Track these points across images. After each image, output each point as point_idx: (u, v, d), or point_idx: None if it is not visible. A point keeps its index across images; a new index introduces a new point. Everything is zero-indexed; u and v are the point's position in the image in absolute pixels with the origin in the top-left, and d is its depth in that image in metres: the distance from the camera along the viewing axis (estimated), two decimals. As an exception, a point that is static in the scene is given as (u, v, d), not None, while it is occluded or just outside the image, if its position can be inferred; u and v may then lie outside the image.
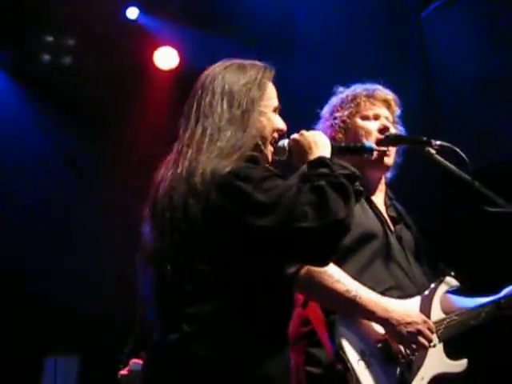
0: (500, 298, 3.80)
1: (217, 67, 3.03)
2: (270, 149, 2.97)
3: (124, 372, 6.12)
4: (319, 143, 2.92)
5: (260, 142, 2.90)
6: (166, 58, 8.09)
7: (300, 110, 3.99)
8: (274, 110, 3.00)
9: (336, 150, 3.07)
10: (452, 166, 3.52)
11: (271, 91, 3.01)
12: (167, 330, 2.74)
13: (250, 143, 2.82)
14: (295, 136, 2.99)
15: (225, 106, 2.87)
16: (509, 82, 5.92)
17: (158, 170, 2.94)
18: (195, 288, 2.69)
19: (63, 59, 8.08)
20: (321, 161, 2.78)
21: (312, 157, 2.86)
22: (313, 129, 3.21)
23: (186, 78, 8.35)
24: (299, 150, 2.95)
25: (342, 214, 2.49)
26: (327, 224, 2.48)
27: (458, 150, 3.46)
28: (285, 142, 3.00)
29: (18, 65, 8.18)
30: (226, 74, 2.97)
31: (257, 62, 3.05)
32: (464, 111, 6.24)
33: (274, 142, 2.98)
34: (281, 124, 2.99)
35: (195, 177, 2.68)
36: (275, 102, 3.01)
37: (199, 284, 2.69)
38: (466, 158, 3.42)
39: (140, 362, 5.88)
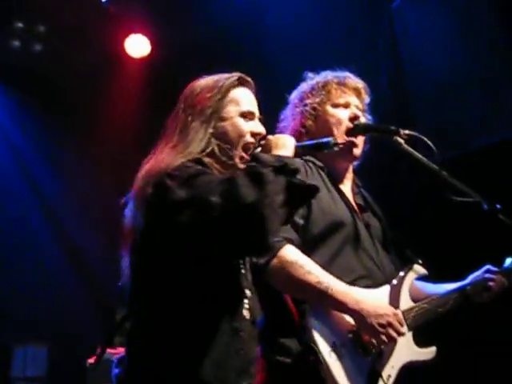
0: (465, 286, 3.85)
1: (197, 80, 3.23)
2: (239, 153, 3.05)
3: (92, 360, 6.14)
4: (280, 145, 2.98)
5: (225, 147, 3.02)
6: (138, 45, 8.02)
7: (272, 104, 3.98)
8: (242, 115, 3.11)
9: (300, 149, 3.12)
10: (420, 156, 3.54)
11: (239, 97, 3.15)
12: None
13: (206, 147, 2.99)
14: (262, 141, 3.06)
15: (188, 113, 3.08)
16: (478, 74, 5.96)
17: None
18: (136, 285, 2.94)
19: (33, 46, 7.99)
20: (255, 157, 2.86)
21: None
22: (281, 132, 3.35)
23: (158, 66, 8.38)
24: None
25: (251, 198, 2.55)
26: (235, 210, 2.57)
27: (426, 139, 3.49)
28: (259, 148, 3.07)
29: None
30: (196, 85, 3.19)
31: (232, 74, 3.21)
32: (434, 102, 6.26)
33: (254, 146, 3.07)
34: (253, 128, 3.09)
35: (142, 173, 2.90)
36: (243, 108, 3.13)
37: (139, 280, 2.93)
38: (433, 148, 3.44)
39: (113, 351, 5.90)
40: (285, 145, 3.00)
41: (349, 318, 3.32)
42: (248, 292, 3.06)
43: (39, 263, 8.26)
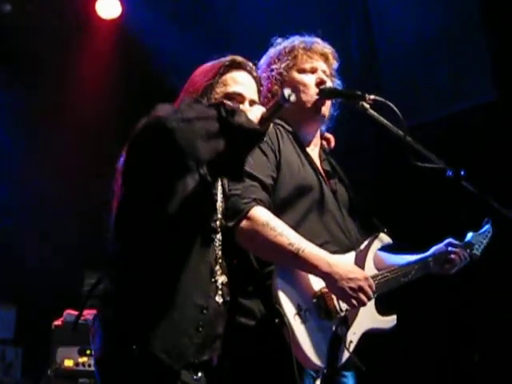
0: (428, 257, 3.88)
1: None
2: None
3: (58, 323, 6.14)
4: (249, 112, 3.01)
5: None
6: (108, 7, 7.91)
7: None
8: (226, 97, 3.23)
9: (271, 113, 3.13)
10: (385, 121, 3.55)
11: (228, 80, 3.30)
12: None
13: None
14: None
15: (183, 97, 3.26)
16: (446, 40, 5.96)
17: None
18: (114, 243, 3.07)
19: (2, 6, 7.87)
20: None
21: None
22: None
23: (128, 28, 8.30)
24: None
25: (161, 113, 2.75)
26: (148, 121, 2.80)
27: (391, 104, 3.49)
28: None
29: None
30: (196, 71, 3.39)
31: (227, 57, 3.37)
32: (403, 68, 6.27)
33: None
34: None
35: None
36: (229, 89, 3.27)
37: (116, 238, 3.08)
38: (399, 113, 3.45)
39: (75, 313, 5.91)
40: (251, 113, 3.01)
41: (314, 283, 3.31)
42: (220, 276, 3.15)
43: (11, 222, 8.22)
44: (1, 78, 8.14)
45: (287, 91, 2.94)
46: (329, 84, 3.76)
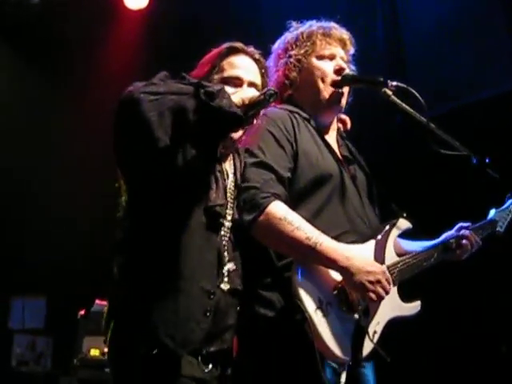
0: (449, 239, 3.83)
1: None
2: None
3: (83, 312, 6.18)
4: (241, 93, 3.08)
5: None
6: (136, -3, 7.95)
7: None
8: (223, 81, 3.24)
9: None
10: (408, 108, 3.53)
11: (225, 65, 3.33)
12: None
13: None
14: None
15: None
16: (469, 29, 5.92)
17: None
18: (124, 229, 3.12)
19: (31, -3, 7.93)
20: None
21: None
22: None
23: (156, 18, 8.31)
24: None
25: (130, 88, 2.80)
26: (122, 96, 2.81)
27: (414, 91, 3.45)
28: None
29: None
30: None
31: (224, 45, 3.41)
32: (427, 53, 6.23)
33: None
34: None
35: None
36: (225, 74, 3.30)
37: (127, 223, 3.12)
38: (422, 100, 3.41)
39: (103, 303, 5.92)
40: (240, 93, 3.06)
41: (334, 275, 3.28)
42: (227, 263, 3.17)
43: (38, 217, 8.27)
44: (30, 68, 8.21)
45: (270, 91, 2.99)
46: (347, 71, 3.72)
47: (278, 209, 3.24)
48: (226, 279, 3.13)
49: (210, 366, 3.05)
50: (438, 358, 5.97)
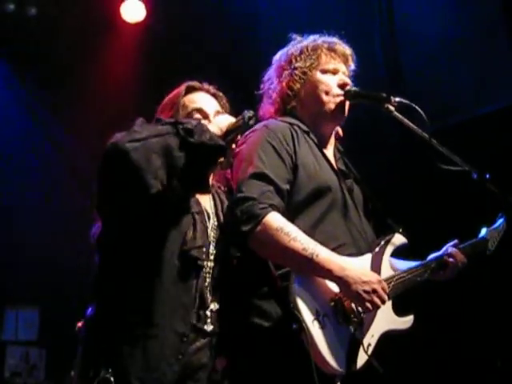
0: (442, 255, 3.86)
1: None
2: None
3: (80, 324, 6.14)
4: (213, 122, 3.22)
5: None
6: (133, 10, 7.94)
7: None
8: (187, 117, 3.34)
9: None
10: (410, 123, 3.55)
11: (185, 103, 3.41)
12: None
13: None
14: None
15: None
16: (472, 41, 5.95)
17: None
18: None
19: (28, 9, 7.94)
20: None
21: None
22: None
23: (152, 32, 8.32)
24: None
25: (114, 139, 2.86)
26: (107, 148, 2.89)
27: (416, 107, 3.49)
28: None
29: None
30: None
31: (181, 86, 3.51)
32: (427, 69, 6.27)
33: None
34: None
35: None
36: (188, 109, 3.39)
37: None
38: (424, 116, 3.45)
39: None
40: (217, 123, 3.19)
41: (331, 286, 3.31)
42: (211, 303, 3.20)
43: (32, 226, 8.26)
44: (26, 78, 8.21)
45: (248, 114, 3.08)
46: (350, 86, 3.75)
47: (275, 220, 3.25)
48: (209, 320, 3.17)
49: None
50: (433, 373, 5.98)
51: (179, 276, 3.07)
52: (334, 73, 3.76)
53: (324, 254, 3.25)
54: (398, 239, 3.72)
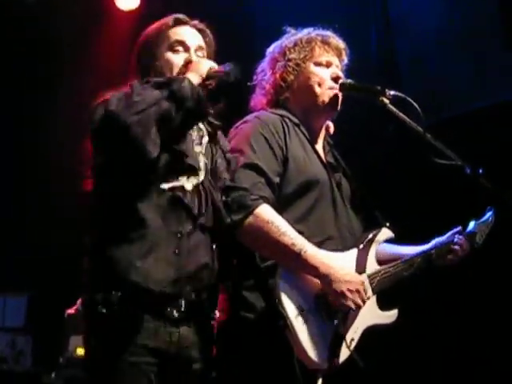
0: (430, 249, 3.84)
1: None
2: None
3: (71, 311, 6.14)
4: (194, 69, 3.16)
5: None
6: (127, -2, 7.94)
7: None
8: (169, 48, 3.33)
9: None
10: (404, 117, 3.54)
11: (170, 35, 3.36)
12: None
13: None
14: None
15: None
16: (467, 37, 5.96)
17: None
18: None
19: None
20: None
21: None
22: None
23: (147, 20, 8.25)
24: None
25: (111, 107, 2.90)
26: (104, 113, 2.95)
27: (411, 100, 3.49)
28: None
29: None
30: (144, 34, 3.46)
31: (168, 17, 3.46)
32: (422, 64, 6.27)
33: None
34: (175, 59, 3.32)
35: None
36: (171, 40, 3.35)
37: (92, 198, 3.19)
38: (419, 109, 3.45)
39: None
40: (197, 69, 3.15)
41: (315, 282, 3.32)
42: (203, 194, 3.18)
43: (20, 211, 8.24)
44: (22, 65, 8.18)
45: (229, 68, 3.10)
46: (344, 79, 3.74)
47: (266, 212, 3.28)
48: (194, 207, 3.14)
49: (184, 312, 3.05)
50: (418, 369, 5.98)
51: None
52: (328, 66, 3.76)
53: (311, 251, 3.28)
54: (385, 233, 3.74)
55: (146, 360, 2.93)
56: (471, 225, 4.06)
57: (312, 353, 3.22)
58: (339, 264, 3.35)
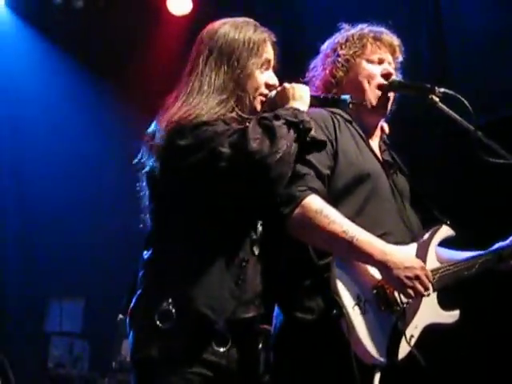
0: (491, 252, 3.74)
1: (215, 25, 3.34)
2: (256, 101, 3.26)
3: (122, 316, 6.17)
4: (297, 95, 3.20)
5: (242, 95, 3.19)
6: (180, 3, 7.99)
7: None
8: (262, 66, 3.26)
9: (316, 101, 3.37)
10: (455, 115, 3.48)
11: (261, 48, 3.26)
12: None
13: (226, 98, 3.13)
14: (279, 88, 3.25)
15: (213, 64, 3.21)
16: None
17: None
18: (154, 228, 3.17)
19: (75, 2, 8.00)
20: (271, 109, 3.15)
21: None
22: (300, 82, 3.45)
23: (199, 25, 8.28)
24: (281, 102, 3.21)
25: (255, 146, 2.84)
26: (243, 162, 2.88)
27: (462, 99, 3.43)
28: (272, 94, 3.28)
29: (29, 7, 8.16)
30: (221, 32, 3.26)
31: (249, 21, 3.35)
32: (472, 63, 6.20)
33: (265, 96, 3.27)
34: (268, 79, 3.27)
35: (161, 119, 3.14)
36: (262, 59, 3.26)
37: (156, 225, 3.16)
38: (470, 108, 3.38)
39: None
40: (301, 97, 3.19)
41: (374, 272, 3.24)
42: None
43: (78, 219, 8.33)
44: (73, 72, 8.28)
45: (350, 99, 3.25)
46: (394, 77, 3.69)
47: (315, 202, 3.21)
48: (254, 238, 3.19)
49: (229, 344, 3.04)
50: (477, 371, 5.88)
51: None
52: (380, 63, 3.70)
53: (364, 237, 3.18)
54: (446, 231, 3.63)
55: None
56: None
57: (369, 345, 3.13)
58: (396, 250, 3.25)
